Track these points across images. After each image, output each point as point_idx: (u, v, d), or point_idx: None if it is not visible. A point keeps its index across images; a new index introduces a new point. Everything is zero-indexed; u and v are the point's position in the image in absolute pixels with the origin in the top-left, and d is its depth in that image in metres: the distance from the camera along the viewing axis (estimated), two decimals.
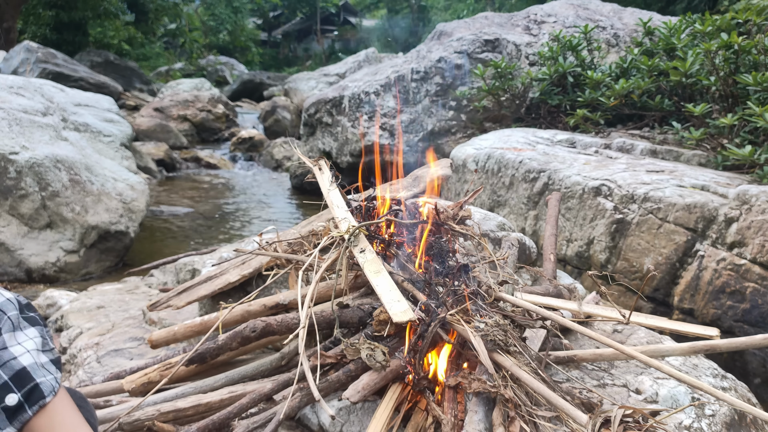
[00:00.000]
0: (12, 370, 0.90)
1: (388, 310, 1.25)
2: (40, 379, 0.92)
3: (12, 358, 0.91)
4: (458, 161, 4.06)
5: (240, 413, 1.38)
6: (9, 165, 4.38)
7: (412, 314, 1.22)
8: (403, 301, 1.27)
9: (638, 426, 1.18)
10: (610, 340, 1.35)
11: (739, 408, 1.13)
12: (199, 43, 23.66)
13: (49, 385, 0.92)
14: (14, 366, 0.90)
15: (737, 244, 2.59)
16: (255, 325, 1.52)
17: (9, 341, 0.93)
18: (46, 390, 0.91)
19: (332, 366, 1.51)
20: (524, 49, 6.01)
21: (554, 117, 5.15)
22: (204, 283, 2.12)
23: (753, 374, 2.57)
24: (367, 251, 1.49)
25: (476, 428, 1.24)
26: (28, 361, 0.92)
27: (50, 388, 0.92)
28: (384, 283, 1.35)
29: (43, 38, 15.34)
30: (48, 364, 0.96)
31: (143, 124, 9.90)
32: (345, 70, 12.31)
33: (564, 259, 3.24)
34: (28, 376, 0.91)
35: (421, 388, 1.38)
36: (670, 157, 3.67)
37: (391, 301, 1.28)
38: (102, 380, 1.85)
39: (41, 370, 0.93)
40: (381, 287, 1.34)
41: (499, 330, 1.36)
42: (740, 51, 3.47)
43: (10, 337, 0.94)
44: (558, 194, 2.41)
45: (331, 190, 1.82)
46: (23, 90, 5.70)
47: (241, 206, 7.21)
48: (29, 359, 0.92)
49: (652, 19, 5.27)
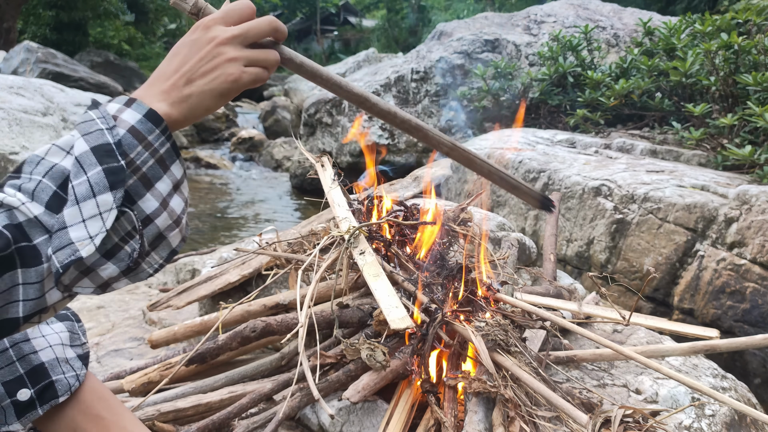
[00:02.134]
0: (30, 364, 0.87)
1: (386, 316, 1.24)
2: (56, 377, 0.89)
3: (32, 352, 0.88)
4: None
5: (240, 413, 1.38)
6: (9, 165, 4.38)
7: (410, 321, 1.21)
8: (401, 307, 1.27)
9: (638, 426, 1.18)
10: (608, 341, 1.35)
11: (737, 409, 1.13)
12: None
13: (65, 383, 0.89)
14: (32, 360, 0.88)
15: (737, 244, 2.59)
16: (255, 325, 1.52)
17: (32, 333, 0.91)
18: (61, 389, 0.89)
19: (332, 366, 1.51)
20: (524, 49, 6.01)
21: (554, 117, 5.15)
22: (204, 283, 2.12)
23: (753, 374, 2.57)
24: (367, 253, 1.49)
25: (476, 428, 1.24)
26: (48, 356, 0.89)
27: (66, 387, 0.90)
28: (382, 287, 1.35)
29: (43, 38, 15.35)
30: (74, 360, 0.93)
31: None
32: (345, 70, 12.31)
33: (564, 259, 3.24)
34: (45, 372, 0.88)
35: (425, 390, 1.38)
36: (670, 157, 3.67)
37: (389, 307, 1.27)
38: (102, 380, 1.85)
39: (61, 366, 0.90)
40: (379, 292, 1.34)
41: (500, 330, 1.36)
42: (740, 51, 3.47)
43: (34, 329, 0.91)
44: (558, 194, 2.41)
45: (332, 188, 1.82)
46: (23, 90, 5.70)
47: (241, 206, 7.21)
48: (50, 354, 0.90)
49: (652, 19, 5.28)
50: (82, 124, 0.70)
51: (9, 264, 0.64)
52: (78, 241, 0.65)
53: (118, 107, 0.72)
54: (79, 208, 0.65)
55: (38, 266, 0.66)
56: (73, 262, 0.65)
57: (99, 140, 0.68)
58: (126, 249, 0.69)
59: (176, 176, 0.75)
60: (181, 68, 0.77)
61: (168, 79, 0.76)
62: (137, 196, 0.69)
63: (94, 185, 0.65)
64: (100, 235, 0.65)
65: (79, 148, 0.67)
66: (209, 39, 0.78)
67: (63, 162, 0.68)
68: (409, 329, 1.24)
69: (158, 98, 0.75)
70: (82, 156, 0.67)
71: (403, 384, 1.42)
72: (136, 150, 0.69)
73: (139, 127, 0.70)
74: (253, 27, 0.80)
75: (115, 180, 0.66)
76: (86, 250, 0.65)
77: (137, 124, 0.70)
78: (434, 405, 1.33)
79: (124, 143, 0.69)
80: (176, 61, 0.78)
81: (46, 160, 0.69)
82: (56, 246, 0.65)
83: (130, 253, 0.70)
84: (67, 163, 0.68)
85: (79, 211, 0.65)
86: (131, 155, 0.69)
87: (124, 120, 0.70)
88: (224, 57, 0.77)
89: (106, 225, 0.66)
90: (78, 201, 0.65)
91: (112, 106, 0.73)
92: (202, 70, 0.77)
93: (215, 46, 0.77)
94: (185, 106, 0.76)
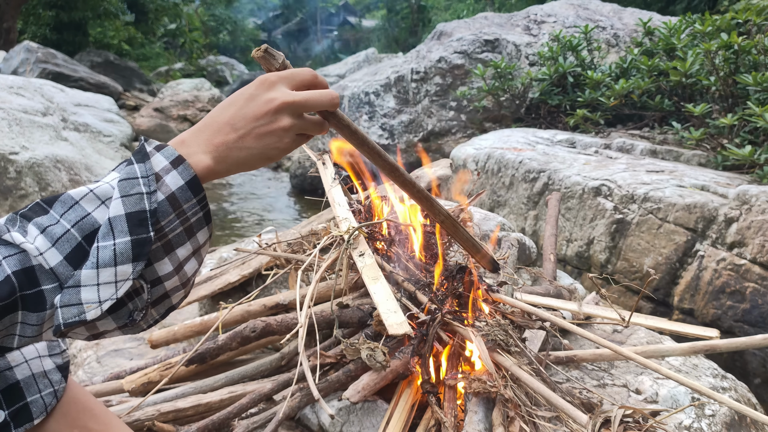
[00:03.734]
0: (5, 382, 0.80)
1: (384, 320, 1.24)
2: (31, 398, 0.82)
3: (7, 368, 0.81)
4: (458, 161, 4.06)
5: (240, 413, 1.38)
6: (9, 165, 4.38)
7: (407, 327, 1.21)
8: (400, 312, 1.26)
9: (638, 426, 1.18)
10: (607, 341, 1.35)
11: (736, 410, 1.13)
12: (199, 43, 23.65)
13: (40, 404, 0.83)
14: (8, 378, 0.81)
15: (737, 244, 2.59)
16: (255, 325, 1.52)
17: None
18: (36, 411, 0.82)
19: (332, 366, 1.51)
20: (524, 49, 6.01)
21: (554, 117, 5.15)
22: (204, 283, 2.12)
23: (753, 374, 2.57)
24: (366, 255, 1.49)
25: (476, 428, 1.24)
26: (24, 373, 0.83)
27: (41, 408, 0.83)
28: (381, 291, 1.34)
29: (43, 38, 15.34)
30: (52, 372, 0.87)
31: (143, 124, 9.90)
32: (345, 71, 12.31)
33: (564, 259, 3.24)
34: (20, 393, 0.81)
35: (426, 390, 1.38)
36: (670, 157, 3.67)
37: (388, 312, 1.27)
38: (102, 380, 1.85)
39: (37, 383, 0.84)
40: (378, 296, 1.33)
41: (500, 330, 1.36)
42: (740, 51, 3.47)
43: None
44: (558, 194, 2.41)
45: (333, 186, 1.82)
46: (23, 90, 5.70)
47: (241, 206, 7.20)
48: (25, 371, 0.83)
49: (652, 19, 5.27)
50: (124, 181, 0.68)
51: (11, 308, 0.64)
52: (87, 302, 0.65)
53: (164, 165, 0.71)
54: (97, 271, 0.65)
55: (41, 312, 0.66)
56: (77, 322, 0.65)
57: (136, 206, 0.67)
58: (128, 307, 0.70)
59: (199, 242, 0.75)
60: (236, 123, 0.75)
61: (219, 131, 0.75)
62: (155, 259, 0.69)
63: (119, 255, 0.65)
64: (109, 301, 0.65)
65: (115, 209, 0.66)
66: (269, 99, 0.76)
67: (96, 213, 0.67)
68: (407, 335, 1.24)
69: (204, 148, 0.74)
70: (115, 220, 0.66)
71: (402, 384, 1.42)
72: (169, 218, 0.69)
73: (179, 194, 0.70)
74: (314, 98, 0.79)
75: (140, 252, 0.66)
76: (92, 313, 0.65)
77: (178, 192, 0.70)
78: (434, 405, 1.34)
79: (160, 211, 0.68)
80: (231, 112, 0.76)
81: (80, 206, 0.67)
82: (65, 301, 0.65)
83: (131, 311, 0.70)
84: (99, 216, 0.67)
85: (97, 275, 0.65)
86: (162, 223, 0.69)
87: (166, 184, 0.69)
88: (280, 125, 0.76)
89: (118, 294, 0.66)
90: (98, 265, 0.65)
91: (158, 161, 0.71)
92: (256, 132, 0.76)
93: (275, 110, 0.76)
94: (230, 162, 0.75)
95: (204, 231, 0.74)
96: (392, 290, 1.36)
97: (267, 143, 0.76)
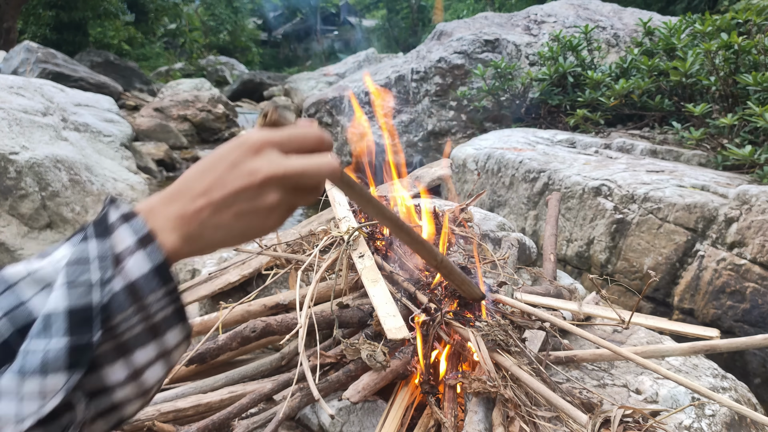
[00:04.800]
0: None
1: (383, 324, 1.24)
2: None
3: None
4: (458, 161, 4.06)
5: (240, 413, 1.38)
6: (9, 165, 4.38)
7: (406, 332, 1.21)
8: (398, 316, 1.26)
9: (638, 426, 1.18)
10: (606, 342, 1.35)
11: (735, 410, 1.13)
12: (199, 43, 23.67)
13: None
14: None
15: (737, 244, 2.59)
16: (255, 325, 1.52)
17: None
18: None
19: (332, 366, 1.51)
20: (524, 49, 6.01)
21: (554, 117, 5.15)
22: (204, 283, 2.12)
23: (753, 374, 2.57)
24: (366, 257, 1.49)
25: (476, 428, 1.24)
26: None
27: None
28: (380, 294, 1.34)
29: (43, 38, 15.35)
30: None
31: (143, 124, 9.90)
32: (345, 70, 12.32)
33: (564, 259, 3.24)
34: None
35: (425, 390, 1.39)
36: (670, 157, 3.67)
37: (386, 315, 1.27)
38: None
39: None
40: (377, 299, 1.33)
41: (500, 330, 1.36)
42: (740, 51, 3.47)
43: None
44: (558, 194, 2.41)
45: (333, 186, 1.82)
46: (23, 90, 5.70)
47: None
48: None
49: (652, 19, 5.27)
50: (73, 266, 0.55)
51: None
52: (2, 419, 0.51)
53: (128, 244, 0.57)
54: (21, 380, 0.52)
55: None
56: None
57: (82, 299, 0.54)
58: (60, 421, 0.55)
59: (168, 344, 0.60)
60: (212, 194, 0.60)
61: (193, 202, 0.61)
62: (102, 364, 0.56)
63: (50, 362, 0.52)
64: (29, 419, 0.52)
65: (55, 302, 0.53)
66: (253, 170, 0.60)
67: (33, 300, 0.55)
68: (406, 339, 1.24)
69: (173, 224, 0.60)
70: (52, 316, 0.53)
71: (400, 384, 1.42)
72: (124, 315, 0.56)
73: (141, 284, 0.56)
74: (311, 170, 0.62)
75: (77, 360, 0.53)
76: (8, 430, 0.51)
77: (140, 280, 0.56)
78: (434, 405, 1.34)
79: (113, 306, 0.55)
80: (209, 180, 0.61)
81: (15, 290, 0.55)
82: None
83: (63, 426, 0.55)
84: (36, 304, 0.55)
85: (19, 385, 0.52)
86: (114, 321, 0.55)
87: (127, 270, 0.56)
88: (265, 202, 0.61)
89: (44, 411, 0.52)
90: (24, 372, 0.52)
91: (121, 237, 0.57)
92: (236, 208, 0.61)
93: (260, 183, 0.60)
94: (202, 244, 0.61)
95: (177, 330, 0.60)
96: (392, 290, 1.36)
97: (248, 223, 0.62)
